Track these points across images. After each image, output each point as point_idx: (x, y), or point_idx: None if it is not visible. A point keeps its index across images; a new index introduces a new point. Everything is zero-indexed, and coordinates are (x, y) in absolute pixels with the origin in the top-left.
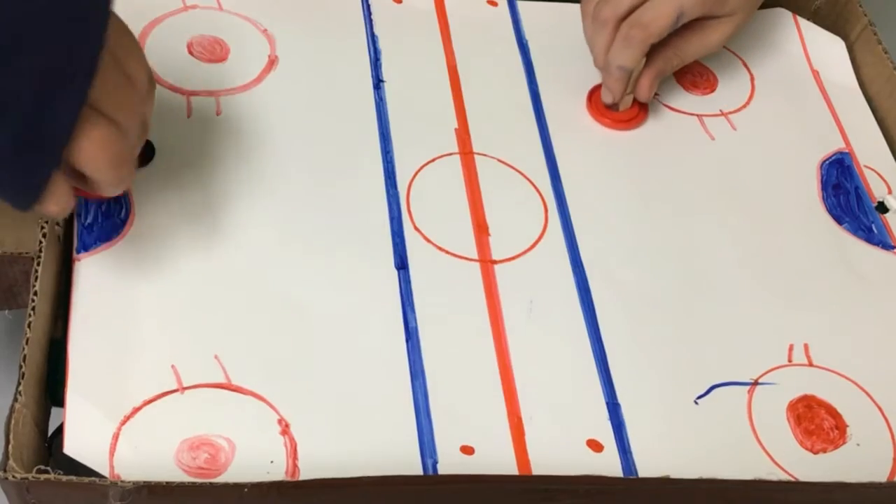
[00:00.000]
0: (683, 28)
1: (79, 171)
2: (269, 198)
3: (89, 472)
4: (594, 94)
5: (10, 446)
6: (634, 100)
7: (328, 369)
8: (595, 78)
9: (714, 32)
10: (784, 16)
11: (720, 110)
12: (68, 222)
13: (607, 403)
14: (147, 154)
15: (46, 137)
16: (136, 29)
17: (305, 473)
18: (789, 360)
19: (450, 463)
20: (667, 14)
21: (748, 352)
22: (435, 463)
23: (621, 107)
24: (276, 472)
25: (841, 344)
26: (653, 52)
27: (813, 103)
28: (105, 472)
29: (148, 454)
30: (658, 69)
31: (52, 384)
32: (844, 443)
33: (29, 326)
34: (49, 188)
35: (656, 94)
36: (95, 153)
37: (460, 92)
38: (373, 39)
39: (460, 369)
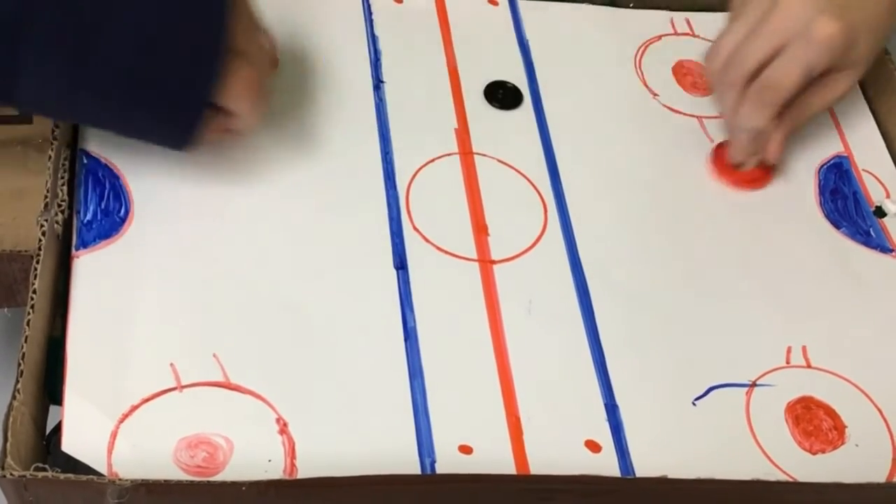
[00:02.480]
0: (809, 83)
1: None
2: (268, 197)
3: (87, 470)
4: (719, 151)
5: (8, 444)
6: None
7: (327, 368)
8: (593, 76)
9: (839, 84)
10: None
11: (720, 112)
12: (67, 220)
13: (605, 404)
14: None
15: (201, 87)
16: None
17: (303, 472)
18: (787, 362)
19: (448, 462)
20: (796, 72)
21: (746, 353)
22: (433, 462)
23: (746, 166)
24: (274, 470)
25: (839, 346)
26: (781, 110)
27: None
28: (103, 470)
29: (146, 452)
30: (787, 128)
31: (50, 382)
32: (843, 443)
33: (28, 324)
34: (208, 119)
35: (656, 94)
36: (242, 91)
37: (460, 92)
38: (373, 40)
39: (459, 369)
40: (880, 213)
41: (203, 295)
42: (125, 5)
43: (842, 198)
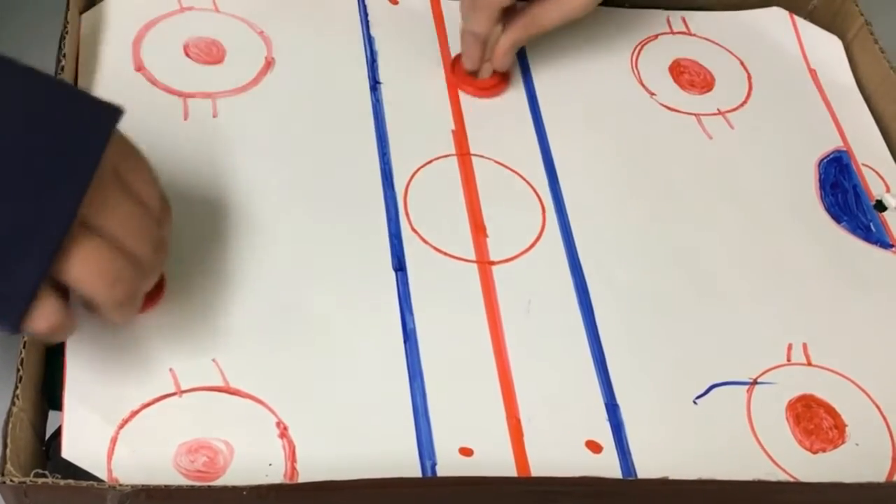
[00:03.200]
0: None
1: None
2: (266, 200)
3: (87, 475)
4: (457, 60)
5: (7, 450)
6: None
7: (326, 371)
8: (590, 75)
9: (569, 1)
10: (780, 15)
11: (718, 109)
12: None
13: (606, 404)
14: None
15: (25, 263)
16: (131, 31)
17: (304, 476)
18: (788, 360)
19: (449, 464)
20: None
21: (747, 351)
22: (434, 465)
23: (481, 75)
24: (274, 474)
25: (840, 343)
26: (510, 20)
27: (810, 102)
28: (103, 475)
29: (146, 457)
30: (513, 38)
31: (49, 388)
32: (843, 442)
33: None
34: (36, 308)
35: (653, 93)
36: (85, 271)
37: (457, 93)
38: (369, 41)
39: (459, 371)
40: (881, 206)
41: (201, 299)
42: None
43: (842, 191)
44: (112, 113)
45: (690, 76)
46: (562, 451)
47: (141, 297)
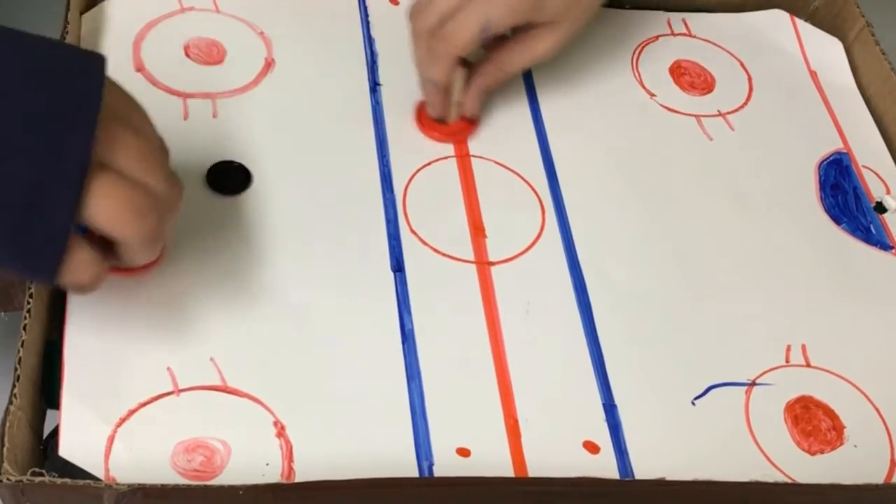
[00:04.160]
0: (507, 39)
1: (107, 239)
2: (265, 200)
3: (84, 474)
4: (422, 106)
5: (4, 449)
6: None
7: (324, 371)
8: (590, 77)
9: (539, 42)
10: (781, 17)
11: (718, 111)
12: None
13: (604, 405)
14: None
15: (53, 209)
16: (132, 31)
17: (301, 475)
18: (787, 361)
19: (446, 465)
20: (470, 27)
21: (745, 352)
22: (431, 465)
23: (449, 120)
24: (271, 474)
25: (839, 344)
26: (475, 66)
27: (811, 104)
28: (100, 474)
29: (143, 456)
30: (480, 85)
31: (47, 386)
32: (841, 444)
33: (24, 328)
34: (69, 259)
35: (653, 95)
36: (110, 207)
37: None
38: (369, 42)
39: (456, 371)
40: (881, 208)
41: (199, 298)
42: None
43: (842, 193)
44: (99, 59)
45: (691, 77)
46: (559, 452)
47: (165, 234)
